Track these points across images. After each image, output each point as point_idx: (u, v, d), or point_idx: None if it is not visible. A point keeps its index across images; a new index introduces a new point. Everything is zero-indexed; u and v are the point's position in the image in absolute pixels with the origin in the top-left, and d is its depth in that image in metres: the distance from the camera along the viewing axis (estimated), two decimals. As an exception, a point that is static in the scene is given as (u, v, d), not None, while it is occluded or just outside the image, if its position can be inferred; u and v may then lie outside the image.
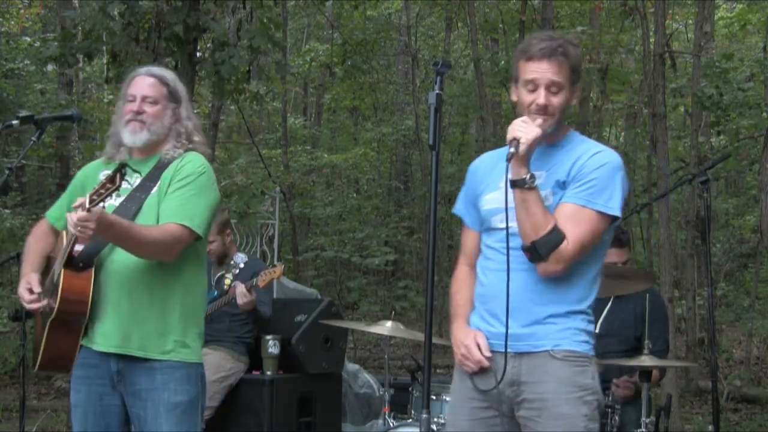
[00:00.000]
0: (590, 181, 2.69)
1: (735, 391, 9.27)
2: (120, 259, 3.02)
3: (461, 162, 15.81)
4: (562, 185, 2.72)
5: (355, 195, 16.28)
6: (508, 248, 2.66)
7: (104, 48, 7.97)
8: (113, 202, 3.08)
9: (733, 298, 12.49)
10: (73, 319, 3.02)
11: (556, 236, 2.63)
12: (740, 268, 14.16)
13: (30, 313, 3.36)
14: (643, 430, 3.82)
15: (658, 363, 3.99)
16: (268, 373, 5.16)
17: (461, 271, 2.97)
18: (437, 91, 2.51)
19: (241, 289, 4.93)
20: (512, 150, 2.60)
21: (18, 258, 4.39)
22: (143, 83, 3.20)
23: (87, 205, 2.73)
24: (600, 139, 14.90)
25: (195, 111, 3.49)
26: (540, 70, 2.69)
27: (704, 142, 10.36)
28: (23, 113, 3.14)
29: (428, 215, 2.73)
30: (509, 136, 2.64)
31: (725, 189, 16.98)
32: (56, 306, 2.97)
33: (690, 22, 13.58)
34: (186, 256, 3.09)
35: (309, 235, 15.02)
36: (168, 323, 3.06)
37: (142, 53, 7.05)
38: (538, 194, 2.66)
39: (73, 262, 3.00)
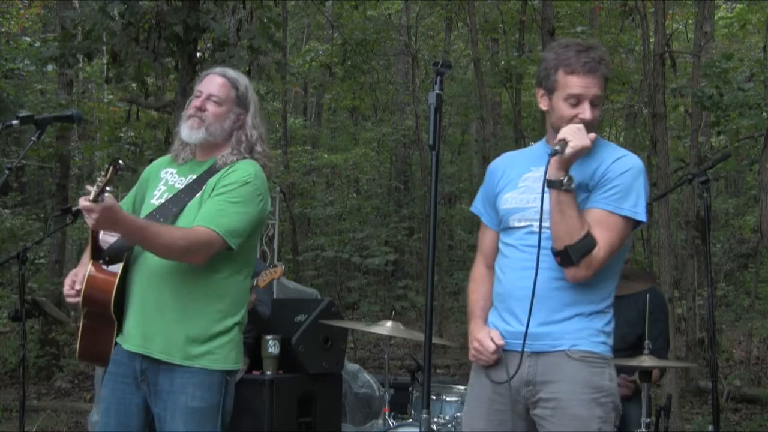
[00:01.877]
0: (616, 186, 2.68)
1: (735, 391, 9.26)
2: (151, 259, 2.96)
3: (461, 162, 15.83)
4: (585, 188, 2.70)
5: (355, 195, 16.29)
6: (539, 246, 2.61)
7: (104, 48, 7.98)
8: (155, 201, 3.06)
9: (733, 298, 12.49)
10: (100, 313, 3.01)
11: (589, 242, 2.61)
12: (740, 268, 14.16)
13: (30, 314, 3.34)
14: (643, 430, 3.81)
15: (658, 363, 3.98)
16: (268, 373, 5.15)
17: (478, 271, 2.96)
18: (437, 91, 2.49)
19: (240, 289, 4.92)
20: (557, 148, 2.58)
21: (18, 258, 4.42)
22: (213, 82, 3.13)
23: (91, 195, 2.69)
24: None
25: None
26: (585, 86, 2.67)
27: (704, 142, 10.35)
28: (23, 113, 3.12)
29: (428, 215, 2.71)
30: (559, 136, 2.62)
31: (725, 189, 17.00)
32: (81, 299, 2.97)
33: (690, 22, 13.58)
34: (218, 262, 2.99)
35: (309, 235, 15.04)
36: (194, 329, 2.98)
37: (142, 53, 7.06)
38: (574, 198, 2.62)
39: (99, 256, 2.97)
